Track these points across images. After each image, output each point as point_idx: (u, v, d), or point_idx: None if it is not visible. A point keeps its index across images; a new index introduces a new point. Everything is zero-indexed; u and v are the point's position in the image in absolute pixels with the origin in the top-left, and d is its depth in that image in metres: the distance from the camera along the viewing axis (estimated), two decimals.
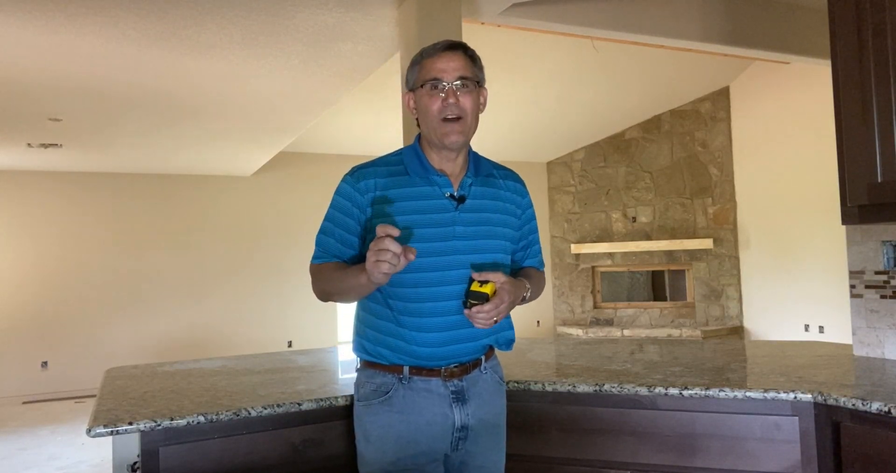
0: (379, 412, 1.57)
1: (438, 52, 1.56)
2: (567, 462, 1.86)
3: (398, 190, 1.56)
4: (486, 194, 1.63)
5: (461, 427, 1.57)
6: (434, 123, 1.54)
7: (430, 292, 1.54)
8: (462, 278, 1.55)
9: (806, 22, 4.65)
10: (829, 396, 1.63)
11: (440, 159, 1.60)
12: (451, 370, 1.57)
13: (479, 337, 1.61)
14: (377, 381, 1.59)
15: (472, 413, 1.59)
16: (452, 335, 1.56)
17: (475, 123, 1.59)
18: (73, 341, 7.16)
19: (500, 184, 1.68)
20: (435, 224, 1.55)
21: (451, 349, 1.57)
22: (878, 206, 1.86)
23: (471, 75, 1.56)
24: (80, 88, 4.45)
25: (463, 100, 1.54)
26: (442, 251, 1.54)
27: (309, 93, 4.88)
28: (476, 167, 1.64)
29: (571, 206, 9.22)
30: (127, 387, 1.98)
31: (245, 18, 3.52)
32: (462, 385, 1.58)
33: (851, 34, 1.92)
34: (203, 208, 7.82)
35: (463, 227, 1.57)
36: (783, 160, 7.65)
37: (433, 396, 1.56)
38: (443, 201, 1.57)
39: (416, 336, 1.55)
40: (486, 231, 1.60)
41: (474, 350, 1.61)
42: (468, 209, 1.59)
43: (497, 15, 3.62)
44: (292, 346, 7.97)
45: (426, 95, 1.55)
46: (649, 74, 7.10)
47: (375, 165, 1.61)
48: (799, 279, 7.48)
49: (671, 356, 2.28)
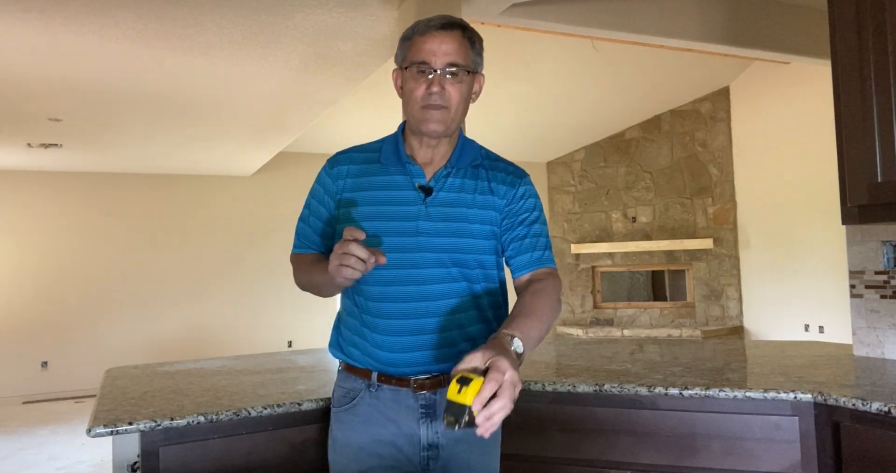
0: (345, 420, 1.47)
1: (432, 30, 1.37)
2: (567, 462, 1.86)
3: (369, 178, 1.45)
4: (466, 187, 1.45)
5: (428, 446, 1.42)
6: (415, 109, 1.40)
7: (392, 292, 1.40)
8: (427, 277, 1.40)
9: (806, 22, 4.65)
10: (829, 396, 1.63)
11: (420, 146, 1.45)
12: (420, 381, 1.41)
13: (451, 344, 1.42)
14: (347, 386, 1.49)
15: (444, 431, 1.41)
16: (416, 341, 1.41)
17: (462, 114, 1.42)
18: (73, 341, 7.16)
19: (484, 175, 1.48)
20: (400, 217, 1.41)
21: (415, 356, 1.41)
22: (878, 206, 1.86)
23: (462, 62, 1.38)
24: (80, 88, 4.45)
25: (450, 89, 1.37)
26: (406, 247, 1.40)
27: (309, 93, 4.88)
28: (460, 157, 1.47)
29: (571, 206, 9.22)
30: (127, 387, 1.98)
31: (245, 18, 3.52)
32: (435, 399, 1.42)
33: (851, 34, 1.92)
34: (203, 208, 7.82)
35: (429, 222, 1.41)
36: (783, 160, 7.65)
37: (401, 407, 1.42)
38: (411, 192, 1.42)
39: (378, 339, 1.42)
40: (456, 228, 1.42)
41: (445, 358, 1.41)
42: (437, 203, 1.42)
43: (497, 15, 3.62)
44: (292, 346, 7.96)
45: (412, 77, 1.39)
46: (649, 74, 7.10)
47: (353, 151, 1.50)
48: (799, 279, 7.48)
49: (671, 356, 2.28)
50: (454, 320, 1.43)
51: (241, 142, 6.29)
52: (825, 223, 6.91)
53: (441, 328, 1.42)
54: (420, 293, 1.41)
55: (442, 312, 1.42)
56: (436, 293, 1.41)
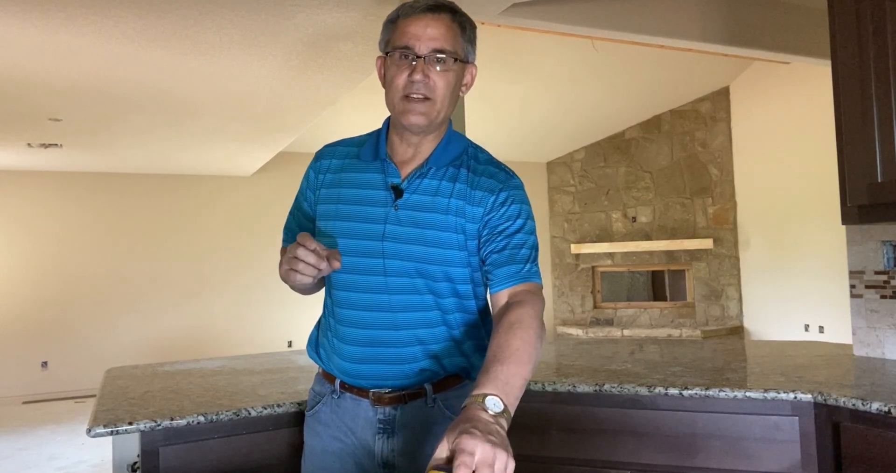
0: (310, 424, 1.41)
1: (417, 12, 1.25)
2: (567, 462, 1.86)
3: (346, 174, 1.35)
4: (442, 190, 1.29)
5: (383, 464, 1.31)
6: (395, 99, 1.27)
7: (353, 298, 1.30)
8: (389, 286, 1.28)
9: (806, 22, 4.65)
10: (829, 396, 1.63)
11: (400, 142, 1.33)
12: (378, 394, 1.30)
13: (413, 360, 1.30)
14: (317, 389, 1.42)
15: (400, 451, 1.30)
16: (374, 353, 1.30)
17: (449, 107, 1.29)
18: (73, 341, 7.16)
19: (466, 178, 1.31)
20: (368, 219, 1.30)
21: (371, 369, 1.30)
22: (878, 206, 1.86)
23: (450, 49, 1.25)
24: (80, 88, 4.45)
25: (435, 78, 1.24)
26: (370, 252, 1.28)
27: (309, 93, 4.88)
28: (440, 156, 1.32)
29: (571, 206, 9.22)
30: (127, 387, 1.98)
31: (245, 18, 3.52)
32: (394, 415, 1.31)
33: (851, 34, 1.92)
34: (203, 208, 7.82)
35: (396, 227, 1.28)
36: (783, 160, 7.65)
37: (359, 419, 1.32)
38: (382, 193, 1.31)
39: (338, 346, 1.34)
40: (424, 236, 1.27)
41: (406, 375, 1.30)
42: (406, 206, 1.29)
43: (497, 15, 3.62)
44: (292, 346, 7.96)
45: (394, 64, 1.26)
46: (649, 74, 7.10)
47: (338, 144, 1.41)
48: (799, 279, 7.48)
49: (671, 356, 2.28)
50: (416, 335, 1.30)
51: (241, 142, 6.29)
52: (825, 223, 6.91)
53: (401, 342, 1.29)
54: (382, 303, 1.29)
55: (403, 325, 1.29)
56: (398, 305, 1.29)
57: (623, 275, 9.08)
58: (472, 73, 1.33)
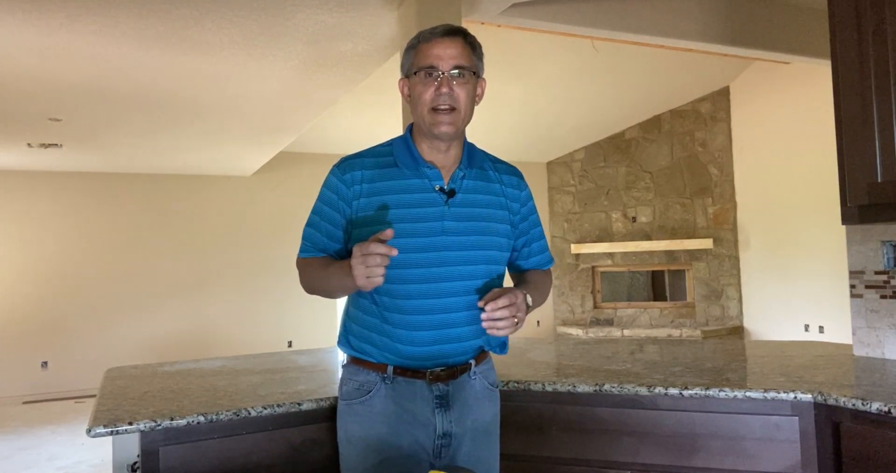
0: (360, 413, 1.51)
1: (436, 37, 1.47)
2: (567, 462, 1.86)
3: (386, 183, 1.49)
4: (479, 188, 1.55)
5: (443, 434, 1.50)
6: (425, 113, 1.47)
7: (418, 289, 1.47)
8: (452, 274, 1.48)
9: (806, 22, 4.65)
10: (829, 396, 1.63)
11: (431, 150, 1.52)
12: (436, 373, 1.50)
13: (469, 338, 1.53)
14: (360, 379, 1.53)
15: (456, 420, 1.51)
16: (440, 335, 1.49)
17: (469, 115, 1.50)
18: (73, 341, 7.16)
19: (494, 177, 1.59)
20: (424, 219, 1.47)
21: (437, 349, 1.50)
22: (878, 206, 1.86)
23: (468, 65, 1.47)
24: (80, 88, 4.45)
25: (457, 90, 1.46)
26: (431, 247, 1.47)
27: (309, 93, 4.88)
28: (469, 160, 1.56)
29: (571, 206, 9.22)
30: (127, 387, 1.98)
31: (245, 18, 3.52)
32: (447, 390, 1.51)
33: (851, 34, 1.92)
34: (203, 208, 7.82)
35: (453, 222, 1.49)
36: (783, 160, 7.65)
37: (416, 399, 1.49)
38: (432, 194, 1.49)
39: (403, 334, 1.49)
40: (478, 227, 1.52)
41: (463, 352, 1.53)
42: (458, 204, 1.50)
43: (497, 15, 3.62)
44: (292, 346, 7.96)
45: (420, 82, 1.47)
46: (649, 74, 7.10)
47: (363, 156, 1.54)
48: (799, 279, 7.48)
49: (671, 356, 2.28)
50: (471, 315, 1.50)
51: (241, 142, 6.29)
52: (825, 223, 6.91)
53: (462, 322, 1.50)
54: (445, 291, 1.48)
55: (464, 307, 1.50)
56: (460, 290, 1.49)
57: (623, 275, 9.08)
58: (482, 86, 1.55)
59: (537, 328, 9.30)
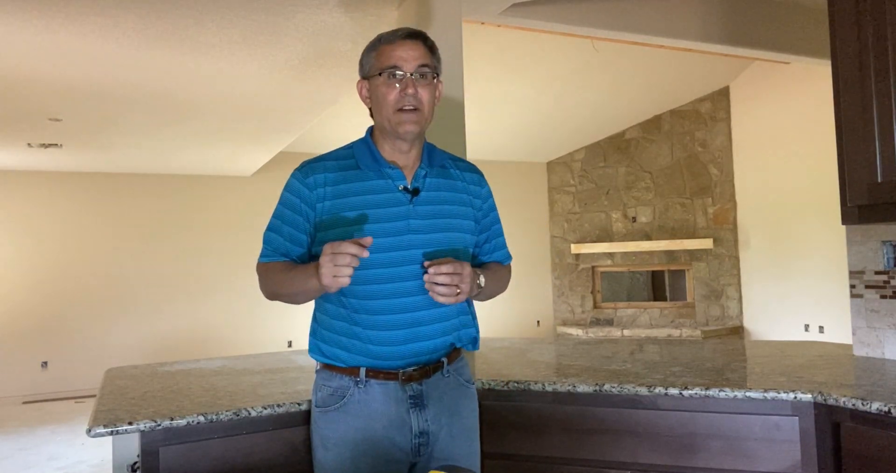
0: (335, 419, 1.52)
1: (398, 39, 1.49)
2: (567, 462, 1.86)
3: (349, 185, 1.50)
4: (442, 186, 1.57)
5: (420, 433, 1.51)
6: (389, 113, 1.48)
7: (385, 289, 1.48)
8: (419, 273, 1.48)
9: (806, 22, 4.65)
10: (829, 396, 1.63)
11: (392, 151, 1.54)
12: (408, 373, 1.51)
13: (439, 335, 1.54)
14: (333, 385, 1.53)
15: (432, 419, 1.52)
16: (410, 333, 1.50)
17: (431, 115, 1.53)
18: (73, 341, 7.16)
19: (456, 175, 1.61)
20: (388, 219, 1.48)
21: (409, 348, 1.50)
22: (878, 206, 1.86)
23: (430, 64, 1.50)
24: (80, 88, 4.45)
25: (421, 91, 1.48)
26: (397, 246, 1.48)
27: (309, 93, 4.88)
28: (430, 158, 1.57)
29: (571, 206, 9.22)
30: (127, 387, 1.98)
31: (245, 18, 3.52)
32: (421, 390, 1.52)
33: (851, 34, 1.92)
34: (203, 208, 7.82)
35: (418, 220, 1.50)
36: (783, 160, 7.65)
37: (390, 400, 1.50)
38: (396, 194, 1.51)
39: (373, 335, 1.49)
40: (443, 224, 1.53)
41: (434, 349, 1.54)
42: (423, 202, 1.52)
43: (497, 15, 3.62)
44: (292, 346, 7.96)
45: (383, 83, 1.48)
46: (649, 74, 7.10)
47: (325, 159, 1.55)
48: (799, 279, 7.48)
49: (671, 356, 2.28)
50: (440, 311, 1.53)
51: (241, 142, 6.29)
52: (825, 223, 6.91)
53: (432, 319, 1.52)
54: (413, 289, 1.49)
55: (431, 305, 1.50)
56: None
57: (623, 275, 9.08)
58: (440, 88, 1.56)
59: (537, 328, 9.30)
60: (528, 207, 9.15)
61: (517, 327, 8.95)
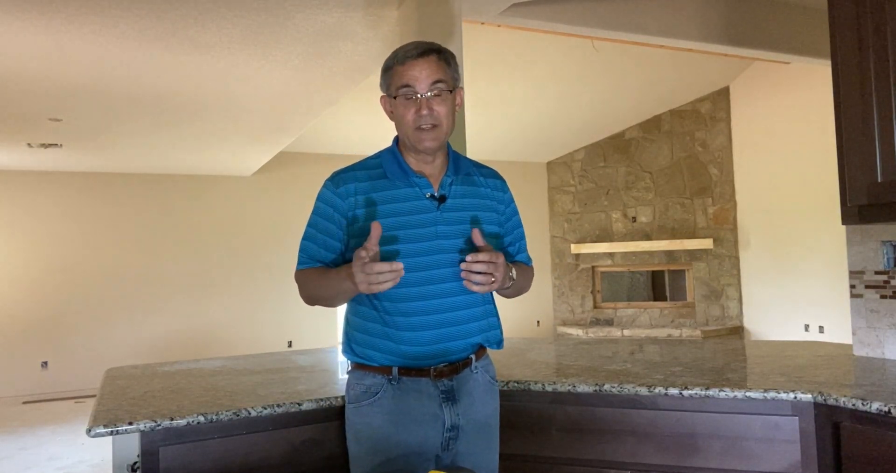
0: (368, 414, 1.57)
1: (410, 59, 1.53)
2: (567, 462, 1.86)
3: (379, 193, 1.57)
4: (467, 193, 1.64)
5: (451, 427, 1.57)
6: (408, 131, 1.55)
7: (416, 292, 1.55)
8: (447, 276, 1.56)
9: (806, 22, 4.65)
10: (829, 396, 1.63)
11: (417, 161, 1.60)
12: (440, 369, 1.57)
13: (468, 335, 1.61)
14: (366, 383, 1.58)
15: (463, 413, 1.58)
16: (441, 334, 1.56)
17: (451, 127, 1.59)
18: (73, 341, 7.16)
19: (480, 181, 1.68)
20: (417, 225, 1.55)
21: (439, 348, 1.57)
22: (878, 206, 1.86)
23: (444, 79, 1.54)
24: (80, 88, 4.45)
25: (437, 108, 1.53)
26: (426, 251, 1.55)
27: (309, 93, 4.88)
28: (455, 167, 1.64)
29: (571, 206, 9.22)
30: (127, 387, 1.98)
31: (245, 18, 3.52)
32: (452, 385, 1.58)
33: (851, 34, 1.92)
34: (203, 208, 7.82)
35: (446, 226, 1.57)
36: (783, 160, 7.65)
37: (423, 396, 1.56)
38: (423, 201, 1.58)
39: (405, 336, 1.55)
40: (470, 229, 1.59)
41: (463, 348, 1.61)
42: (450, 209, 1.59)
43: (497, 15, 3.62)
44: (292, 346, 7.97)
45: (401, 104, 1.55)
46: (649, 74, 7.10)
47: (355, 169, 1.61)
48: (799, 279, 7.48)
49: (671, 356, 2.28)
50: (470, 313, 1.60)
51: (241, 142, 6.29)
52: (825, 223, 6.91)
53: (462, 320, 1.59)
54: (443, 291, 1.56)
55: (460, 306, 1.59)
56: (457, 290, 1.56)
57: (623, 275, 9.08)
58: (460, 95, 1.62)
59: (537, 328, 9.30)
60: (528, 207, 9.15)
61: (517, 327, 8.95)
